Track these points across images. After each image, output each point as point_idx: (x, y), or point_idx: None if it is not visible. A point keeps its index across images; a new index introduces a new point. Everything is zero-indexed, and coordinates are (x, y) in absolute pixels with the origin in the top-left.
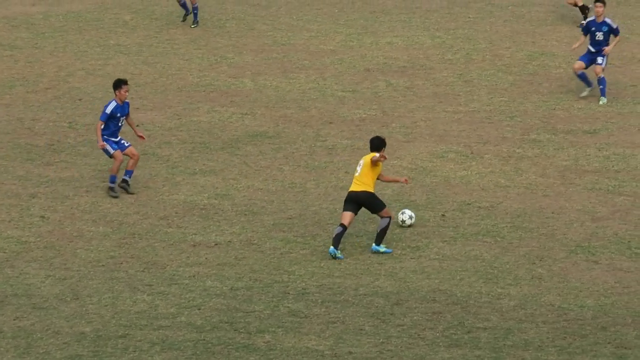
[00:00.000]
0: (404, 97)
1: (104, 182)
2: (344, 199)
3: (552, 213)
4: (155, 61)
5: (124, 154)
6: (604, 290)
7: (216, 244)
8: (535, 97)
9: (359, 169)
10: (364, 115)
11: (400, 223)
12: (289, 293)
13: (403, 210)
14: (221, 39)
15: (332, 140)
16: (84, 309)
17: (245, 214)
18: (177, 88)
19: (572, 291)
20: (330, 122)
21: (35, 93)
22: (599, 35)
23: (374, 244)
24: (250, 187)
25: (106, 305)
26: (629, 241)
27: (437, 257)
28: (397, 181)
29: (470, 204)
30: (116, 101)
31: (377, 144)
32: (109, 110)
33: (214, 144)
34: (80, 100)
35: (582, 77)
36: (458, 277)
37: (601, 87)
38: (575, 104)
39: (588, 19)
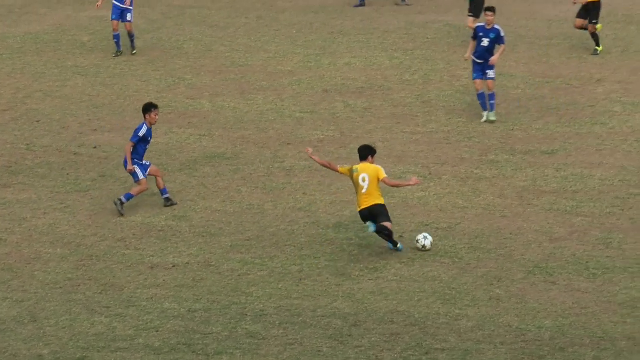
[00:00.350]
0: (362, 118)
1: (62, 204)
2: (361, 218)
3: (510, 234)
4: (113, 82)
5: (147, 175)
6: (562, 311)
7: (174, 266)
8: None
9: (364, 184)
10: (322, 137)
11: (421, 247)
12: (247, 315)
13: (425, 235)
14: (179, 60)
15: (290, 162)
16: (41, 331)
17: (203, 236)
18: (135, 109)
19: (530, 312)
20: (288, 144)
21: None
22: (485, 42)
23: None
24: (208, 209)
25: (64, 328)
26: (586, 262)
27: (395, 278)
28: (407, 185)
29: (428, 225)
30: (147, 125)
31: (367, 152)
32: (141, 133)
33: (171, 166)
34: (38, 122)
35: (481, 99)
36: (416, 298)
37: (492, 102)
38: (533, 124)
39: (477, 24)
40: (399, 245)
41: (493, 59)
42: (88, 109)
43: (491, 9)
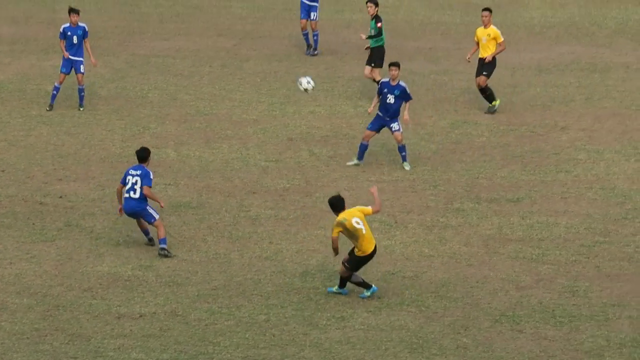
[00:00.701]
0: (327, 167)
1: (28, 253)
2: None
3: (477, 282)
4: (78, 132)
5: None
6: (529, 359)
7: (141, 316)
8: (458, 166)
9: (361, 226)
10: (287, 185)
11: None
12: None
13: (308, 79)
14: (144, 109)
15: (255, 210)
16: None
17: (170, 285)
18: (100, 159)
19: None
20: (253, 192)
21: None
22: (390, 98)
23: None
24: (174, 258)
25: None
26: (553, 310)
27: (362, 327)
28: (377, 199)
29: (394, 274)
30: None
31: (343, 203)
32: (152, 176)
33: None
34: (2, 171)
35: (362, 148)
36: (383, 347)
37: (403, 153)
38: (498, 172)
39: (382, 80)
40: (373, 287)
41: (406, 119)
42: (53, 158)
43: (395, 64)
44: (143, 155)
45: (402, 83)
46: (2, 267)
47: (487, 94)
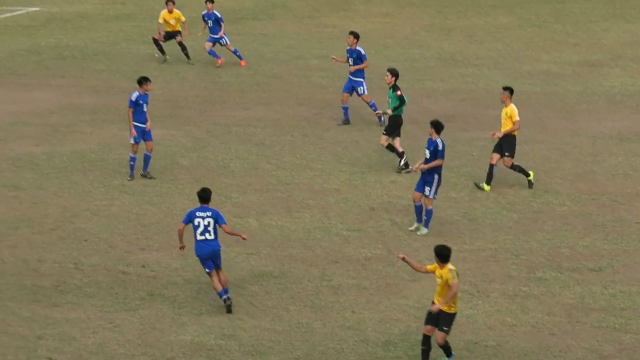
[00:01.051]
0: (408, 236)
1: (111, 323)
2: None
3: (559, 351)
4: (160, 201)
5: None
6: None
7: None
8: (540, 235)
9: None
10: (369, 254)
11: None
12: None
13: None
14: (225, 178)
15: (337, 280)
16: None
17: (252, 354)
18: None
19: None
20: (335, 261)
21: (40, 234)
22: (427, 154)
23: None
24: (257, 327)
25: None
26: None
27: None
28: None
29: (477, 343)
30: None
31: (449, 254)
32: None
33: None
34: (85, 240)
35: (417, 210)
36: None
37: (425, 217)
38: (579, 241)
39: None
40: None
41: (415, 168)
42: (135, 228)
43: (432, 123)
44: (206, 196)
45: (438, 140)
46: (86, 336)
47: (518, 170)
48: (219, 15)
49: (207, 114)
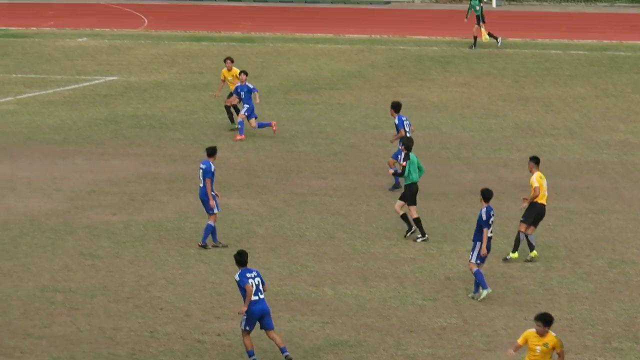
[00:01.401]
0: (484, 306)
1: None
2: None
3: None
4: (235, 270)
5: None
6: None
7: None
8: (616, 305)
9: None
10: (444, 324)
11: None
12: None
13: None
14: (301, 247)
15: (413, 349)
16: None
17: None
18: None
19: None
20: (411, 331)
21: (116, 302)
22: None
23: None
24: None
25: None
26: None
27: None
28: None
29: None
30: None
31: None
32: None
33: (294, 353)
34: (161, 309)
35: (479, 277)
36: None
37: (475, 281)
38: None
39: (485, 210)
40: None
41: (483, 249)
42: (211, 296)
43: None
44: (244, 259)
45: (482, 209)
46: None
47: (527, 241)
48: (251, 87)
49: (283, 183)
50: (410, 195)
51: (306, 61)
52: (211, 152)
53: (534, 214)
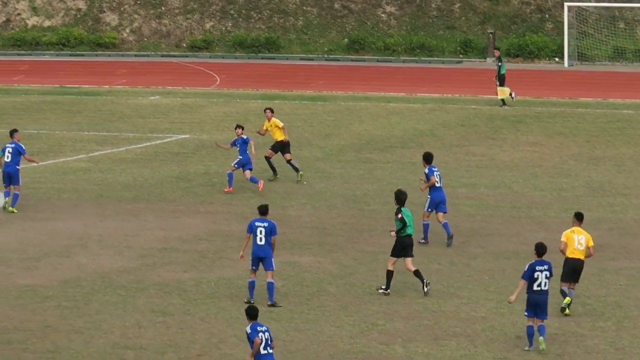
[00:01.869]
0: None
1: None
2: None
3: None
4: (306, 328)
5: None
6: None
7: None
8: None
9: None
10: None
11: None
12: None
13: None
14: (372, 305)
15: None
16: None
17: None
18: (329, 355)
19: None
20: None
21: (187, 359)
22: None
23: None
24: None
25: None
26: None
27: None
28: None
29: None
30: None
31: None
32: None
33: None
34: None
35: (530, 334)
36: None
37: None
38: None
39: (529, 263)
40: None
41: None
42: (281, 354)
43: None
44: (255, 313)
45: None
46: None
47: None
48: (245, 137)
49: (354, 241)
50: (401, 248)
51: (377, 120)
52: (263, 210)
53: (567, 269)
